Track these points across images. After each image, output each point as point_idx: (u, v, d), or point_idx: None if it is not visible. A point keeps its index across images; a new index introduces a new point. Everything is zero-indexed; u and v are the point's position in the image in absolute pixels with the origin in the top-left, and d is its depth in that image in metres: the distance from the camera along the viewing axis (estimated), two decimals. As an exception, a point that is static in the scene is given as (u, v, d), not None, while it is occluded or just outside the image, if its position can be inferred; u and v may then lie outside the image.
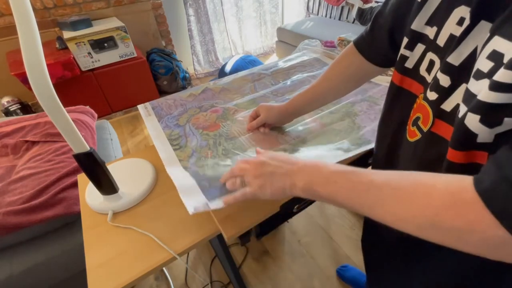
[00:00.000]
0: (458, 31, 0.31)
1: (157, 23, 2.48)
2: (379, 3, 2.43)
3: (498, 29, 0.25)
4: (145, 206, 0.62)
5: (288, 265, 1.23)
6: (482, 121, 0.26)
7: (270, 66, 1.07)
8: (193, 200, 0.53)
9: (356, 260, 1.23)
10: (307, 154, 0.67)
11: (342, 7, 2.76)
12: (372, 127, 0.73)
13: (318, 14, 3.09)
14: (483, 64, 0.26)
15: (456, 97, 0.32)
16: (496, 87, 0.24)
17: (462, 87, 0.31)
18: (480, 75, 0.27)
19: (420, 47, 0.38)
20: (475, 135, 0.27)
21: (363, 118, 0.77)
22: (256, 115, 0.72)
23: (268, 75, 1.02)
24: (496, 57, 0.25)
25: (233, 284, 1.16)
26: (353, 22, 2.69)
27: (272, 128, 0.76)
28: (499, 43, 0.25)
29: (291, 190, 0.40)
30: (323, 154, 0.67)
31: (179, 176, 0.60)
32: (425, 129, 0.38)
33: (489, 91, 0.24)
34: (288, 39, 2.72)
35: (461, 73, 0.31)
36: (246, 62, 2.36)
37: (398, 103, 0.45)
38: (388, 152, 0.50)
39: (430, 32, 0.36)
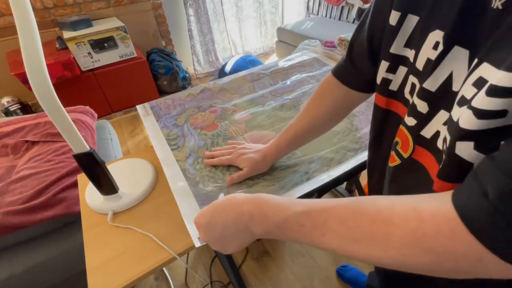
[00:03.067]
0: (434, 55, 0.30)
1: (157, 23, 2.48)
2: (379, 3, 2.43)
3: (487, 56, 0.24)
4: (145, 206, 0.62)
5: (288, 265, 1.23)
6: (477, 148, 0.24)
7: (270, 66, 1.07)
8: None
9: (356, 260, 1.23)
10: (307, 158, 0.67)
11: (342, 7, 2.76)
12: (369, 129, 0.73)
13: (318, 14, 3.09)
14: (467, 90, 0.25)
15: (435, 124, 0.32)
16: (477, 113, 0.23)
17: (441, 113, 0.31)
18: (463, 102, 0.25)
19: (402, 70, 0.37)
20: (471, 165, 0.25)
21: (361, 119, 0.77)
22: (229, 162, 0.64)
23: (267, 75, 1.02)
24: (480, 84, 0.23)
25: (233, 284, 1.16)
26: (353, 22, 2.68)
27: (270, 129, 0.76)
28: (486, 70, 0.23)
29: (254, 238, 0.37)
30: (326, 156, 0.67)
31: (179, 190, 0.60)
32: (405, 155, 0.36)
33: (473, 116, 0.23)
34: (288, 39, 2.72)
35: (438, 99, 0.30)
36: (246, 62, 2.36)
37: (386, 126, 0.44)
38: (378, 178, 0.48)
39: (410, 54, 0.35)
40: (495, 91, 0.21)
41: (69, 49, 1.88)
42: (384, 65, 0.39)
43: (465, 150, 0.25)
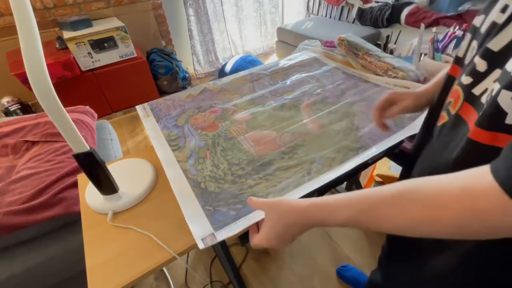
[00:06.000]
0: (500, 18, 0.33)
1: (157, 23, 2.48)
2: (379, 3, 2.43)
3: None
4: (145, 206, 0.62)
5: (288, 265, 1.23)
6: None
7: (270, 66, 1.07)
8: (199, 227, 0.52)
9: (356, 260, 1.23)
10: (308, 157, 0.67)
11: (342, 7, 2.76)
12: (370, 128, 0.73)
13: (318, 14, 3.09)
14: None
15: (488, 82, 0.33)
16: None
17: (495, 72, 0.32)
18: None
19: (468, 37, 0.41)
20: (505, 114, 0.28)
21: (362, 119, 0.77)
22: (388, 103, 0.62)
23: (267, 75, 1.02)
24: None
25: (233, 284, 1.16)
26: (353, 22, 2.69)
27: (271, 129, 0.76)
28: None
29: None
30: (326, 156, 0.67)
31: (181, 191, 0.60)
32: (453, 112, 0.39)
33: None
34: (288, 39, 2.72)
35: (499, 59, 0.32)
36: (246, 62, 2.36)
37: (445, 92, 0.46)
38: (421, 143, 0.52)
39: (478, 20, 0.38)
40: None
41: (69, 49, 1.88)
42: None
43: (505, 99, 0.28)
